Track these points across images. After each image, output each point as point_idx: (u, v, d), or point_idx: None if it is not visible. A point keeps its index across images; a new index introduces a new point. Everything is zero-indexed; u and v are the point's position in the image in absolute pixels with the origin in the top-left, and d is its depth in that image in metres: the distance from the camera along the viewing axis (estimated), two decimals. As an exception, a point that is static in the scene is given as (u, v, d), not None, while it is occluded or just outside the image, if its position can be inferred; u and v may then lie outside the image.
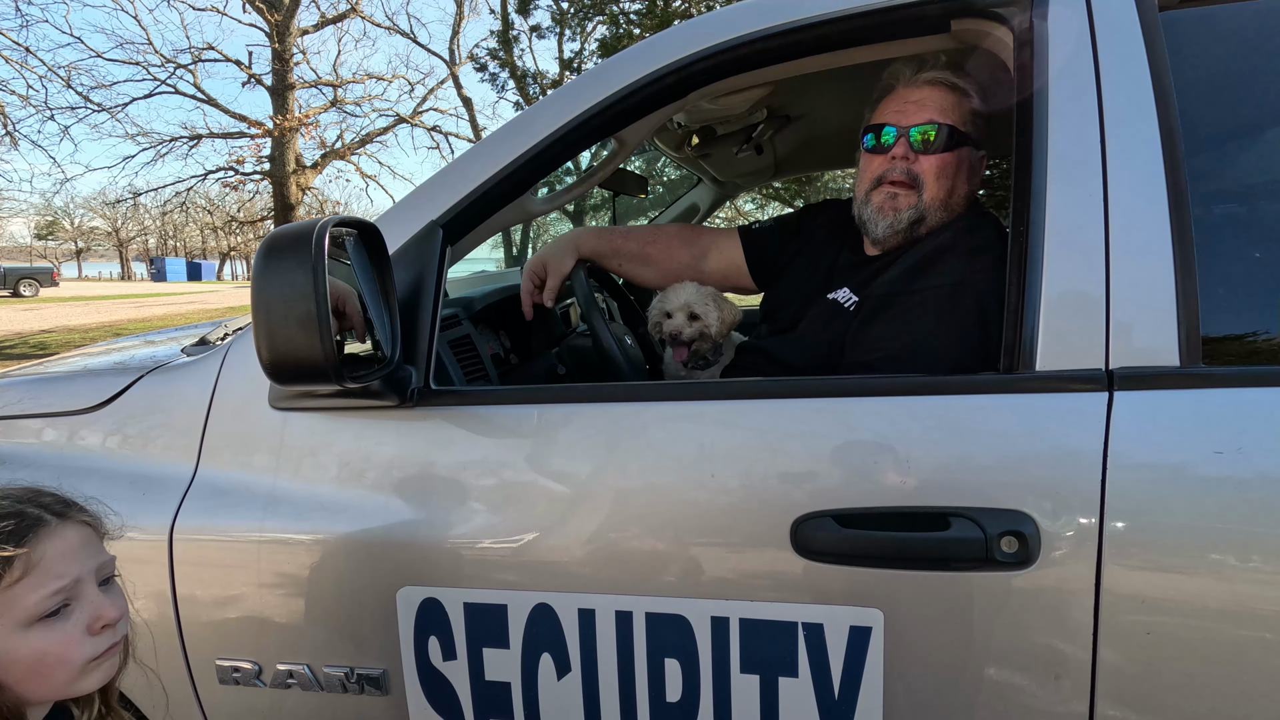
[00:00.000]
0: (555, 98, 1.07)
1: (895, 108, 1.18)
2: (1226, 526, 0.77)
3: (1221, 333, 0.85)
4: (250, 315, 0.86)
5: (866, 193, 1.20)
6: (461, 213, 1.06)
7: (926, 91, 1.16)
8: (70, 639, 0.68)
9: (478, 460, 0.98)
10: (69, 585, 0.69)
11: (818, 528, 0.85)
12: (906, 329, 1.06)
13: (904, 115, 1.16)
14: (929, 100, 1.15)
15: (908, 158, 1.15)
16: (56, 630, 0.68)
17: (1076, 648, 0.81)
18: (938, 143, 1.13)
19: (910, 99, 1.17)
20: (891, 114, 1.17)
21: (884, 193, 1.17)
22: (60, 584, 0.68)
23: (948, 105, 1.15)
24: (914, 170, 1.15)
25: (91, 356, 1.62)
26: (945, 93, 1.16)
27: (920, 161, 1.15)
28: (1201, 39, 0.92)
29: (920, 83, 1.17)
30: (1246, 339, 0.87)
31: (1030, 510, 0.81)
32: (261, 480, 1.03)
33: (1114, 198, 0.85)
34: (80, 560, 0.71)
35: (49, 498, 0.73)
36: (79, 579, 0.70)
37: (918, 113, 1.15)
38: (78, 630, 0.69)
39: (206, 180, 15.00)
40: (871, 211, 1.19)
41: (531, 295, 1.46)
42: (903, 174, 1.15)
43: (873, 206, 1.19)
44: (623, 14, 9.25)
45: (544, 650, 0.95)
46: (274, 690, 1.04)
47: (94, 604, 0.70)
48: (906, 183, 1.15)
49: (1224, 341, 0.85)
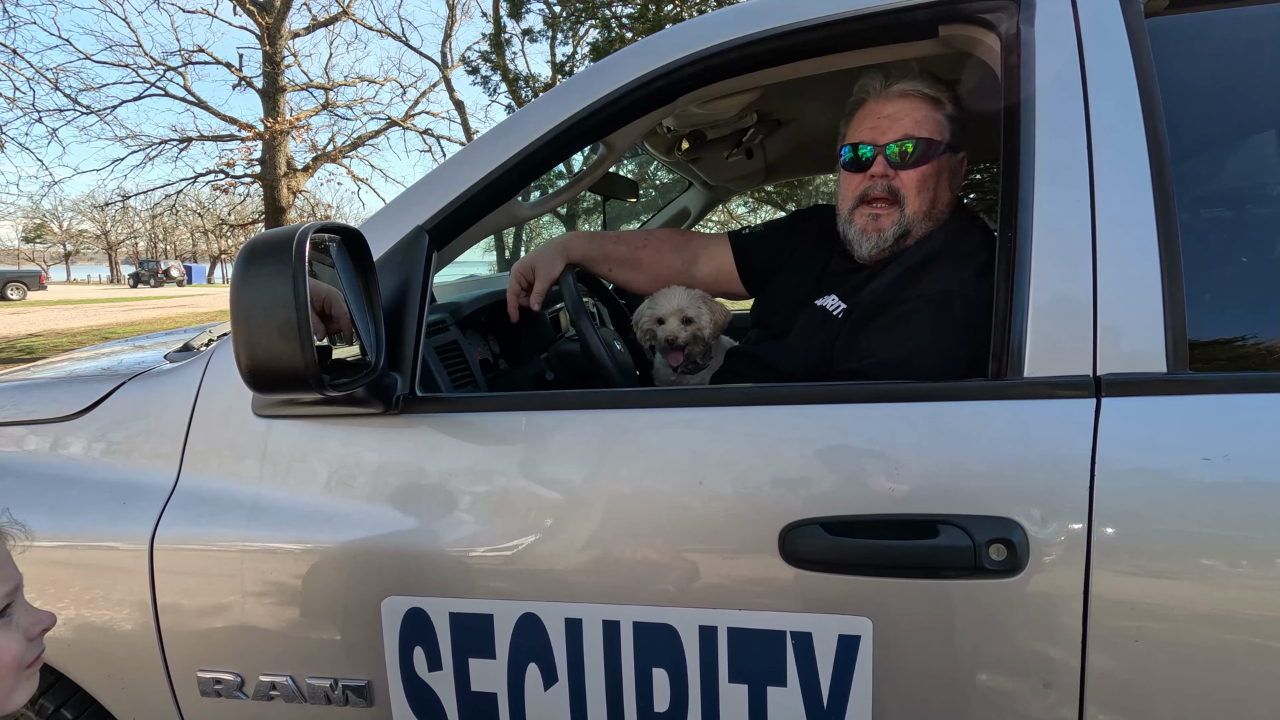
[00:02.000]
0: (542, 102, 1.07)
1: (869, 124, 1.17)
2: (1214, 532, 0.77)
3: (1208, 338, 0.85)
4: (230, 322, 0.85)
5: (849, 211, 1.20)
6: (448, 218, 1.05)
7: (899, 104, 1.15)
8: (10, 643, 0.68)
9: (465, 468, 0.97)
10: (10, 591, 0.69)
11: (806, 536, 0.85)
12: (896, 338, 1.06)
13: (879, 131, 1.16)
14: (902, 113, 1.15)
15: (887, 175, 1.15)
16: None
17: (1066, 654, 0.80)
18: (915, 156, 1.13)
19: (883, 113, 1.16)
20: (866, 130, 1.17)
21: (866, 214, 1.18)
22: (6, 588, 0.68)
23: (921, 116, 1.14)
24: (894, 186, 1.15)
25: (78, 361, 1.60)
26: (917, 103, 1.15)
27: (900, 177, 1.15)
28: (1187, 44, 0.92)
29: (891, 96, 1.16)
30: (1233, 344, 0.87)
31: (1019, 517, 0.80)
32: (245, 489, 1.02)
33: (1101, 203, 0.85)
34: (11, 574, 0.71)
35: None
36: (18, 585, 0.70)
37: (892, 127, 1.15)
38: (18, 634, 0.69)
39: (197, 183, 14.94)
40: (855, 232, 1.19)
41: (518, 298, 1.45)
42: (884, 191, 1.15)
43: (856, 227, 1.19)
44: (615, 18, 9.26)
45: (531, 660, 0.94)
46: (257, 702, 1.02)
47: (29, 611, 0.71)
48: (888, 199, 1.16)
49: (1211, 347, 0.85)
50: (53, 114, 13.38)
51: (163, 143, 14.28)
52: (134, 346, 1.81)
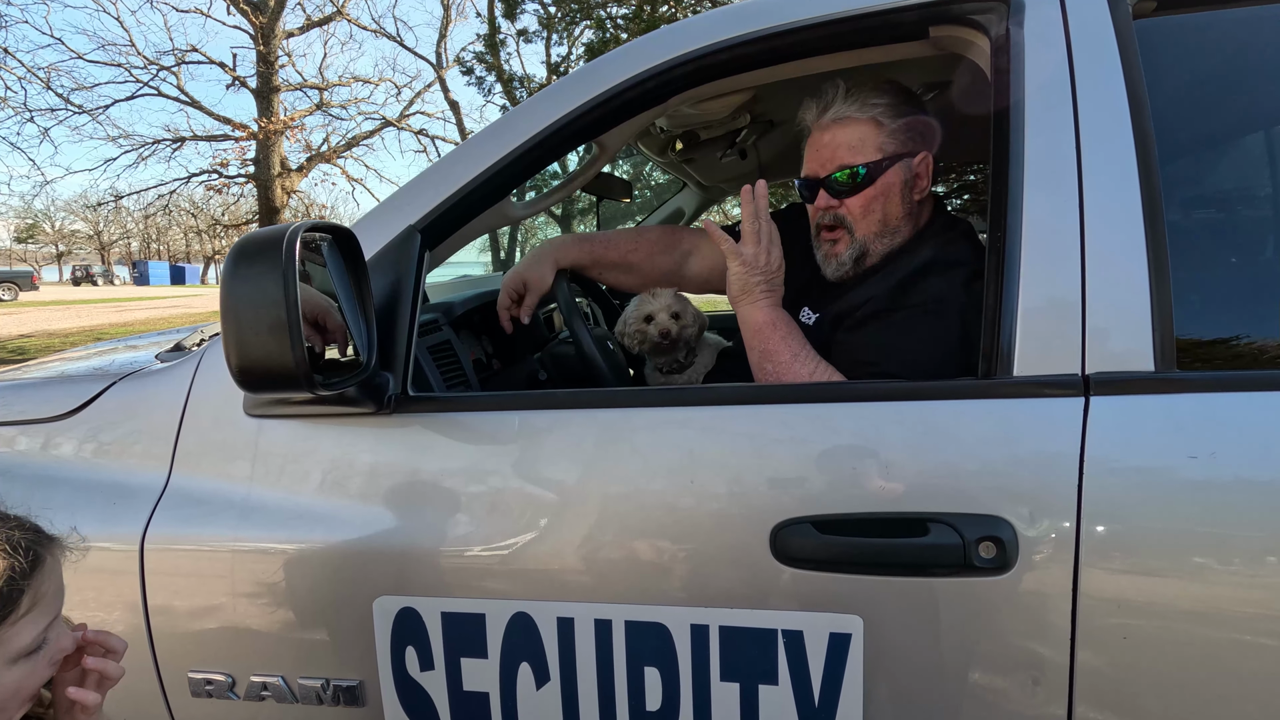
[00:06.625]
0: (535, 102, 1.07)
1: (812, 154, 1.19)
2: (1201, 530, 0.78)
3: (1195, 338, 0.86)
4: (220, 322, 0.85)
5: (815, 237, 1.24)
6: (440, 217, 1.05)
7: (834, 132, 1.16)
8: (37, 673, 0.67)
9: (457, 468, 0.97)
10: (54, 621, 0.67)
11: (797, 534, 0.85)
12: (889, 346, 1.06)
13: (819, 163, 1.17)
14: (837, 141, 1.15)
15: (831, 205, 1.17)
16: (32, 664, 0.66)
17: (1055, 652, 0.81)
18: (856, 183, 1.14)
19: (821, 143, 1.17)
20: (811, 163, 1.19)
21: (825, 241, 1.21)
22: (49, 619, 0.67)
23: (855, 141, 1.14)
24: (840, 214, 1.16)
25: (69, 361, 1.60)
26: (852, 127, 1.14)
27: (845, 204, 1.16)
28: (1175, 46, 0.93)
29: (825, 124, 1.17)
30: (1220, 344, 0.88)
31: (1008, 515, 0.81)
32: (236, 488, 1.02)
33: (1089, 204, 0.85)
34: (62, 595, 0.69)
35: (32, 527, 0.71)
36: (58, 614, 0.69)
37: (831, 159, 1.15)
38: (45, 664, 0.67)
39: (190, 183, 14.89)
40: (821, 257, 1.23)
41: (509, 310, 1.45)
42: (832, 220, 1.18)
43: (821, 253, 1.23)
44: (609, 18, 9.27)
45: (523, 660, 0.94)
46: (248, 703, 1.02)
47: (61, 638, 0.69)
48: (837, 226, 1.18)
49: (1198, 346, 0.86)
50: (45, 113, 13.33)
51: (156, 142, 14.23)
52: (126, 346, 1.81)
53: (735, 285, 1.14)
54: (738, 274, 1.13)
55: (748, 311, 1.14)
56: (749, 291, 1.13)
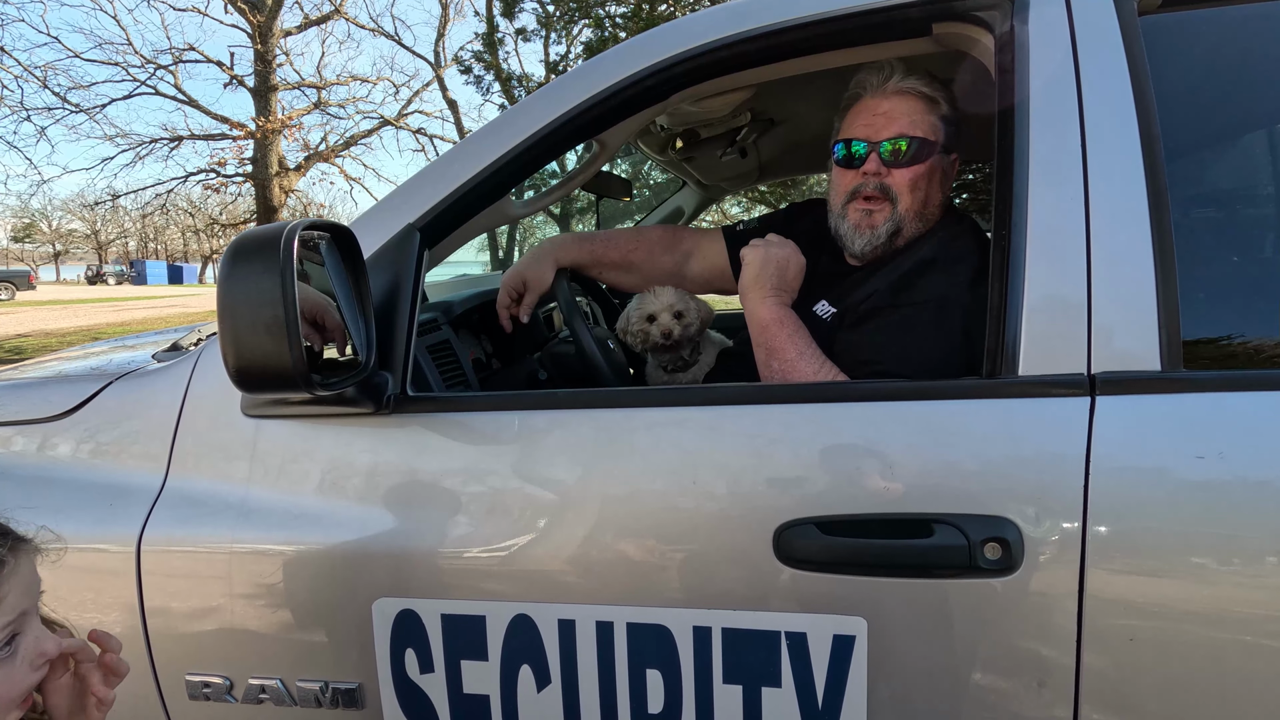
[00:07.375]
0: (534, 100, 1.06)
1: (864, 120, 1.17)
2: (1208, 530, 0.77)
3: (1202, 337, 0.85)
4: (217, 321, 0.84)
5: (842, 206, 1.20)
6: (439, 216, 1.04)
7: (895, 102, 1.15)
8: (16, 676, 0.66)
9: (457, 468, 0.96)
10: (16, 619, 0.66)
11: (800, 535, 0.84)
12: (891, 344, 1.05)
13: (874, 128, 1.15)
14: (898, 111, 1.14)
15: (880, 172, 1.15)
16: (8, 668, 0.65)
17: (1060, 653, 0.80)
18: (909, 155, 1.13)
19: (879, 110, 1.16)
20: (861, 127, 1.17)
21: (859, 210, 1.17)
22: (8, 619, 0.65)
23: (917, 116, 1.14)
24: (887, 184, 1.15)
25: (66, 361, 1.59)
26: (914, 102, 1.15)
27: (893, 175, 1.14)
28: (1181, 43, 0.92)
29: (888, 93, 1.16)
30: (1226, 343, 0.87)
31: (1013, 516, 0.80)
32: (234, 489, 1.01)
33: (1095, 202, 0.84)
34: (32, 593, 0.68)
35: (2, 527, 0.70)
36: (25, 611, 0.67)
37: (887, 125, 1.14)
38: (25, 667, 0.66)
39: (188, 182, 14.86)
40: (849, 227, 1.19)
41: (509, 309, 1.45)
42: (876, 189, 1.15)
43: (849, 222, 1.19)
44: (608, 17, 9.25)
45: (523, 662, 0.93)
46: (246, 706, 1.01)
47: (38, 636, 0.68)
48: (880, 197, 1.15)
49: (1204, 345, 0.85)
50: (41, 112, 13.30)
51: (153, 141, 14.20)
52: (123, 346, 1.80)
53: (749, 272, 1.17)
54: (754, 261, 1.15)
55: (755, 306, 1.14)
56: (761, 284, 1.13)
